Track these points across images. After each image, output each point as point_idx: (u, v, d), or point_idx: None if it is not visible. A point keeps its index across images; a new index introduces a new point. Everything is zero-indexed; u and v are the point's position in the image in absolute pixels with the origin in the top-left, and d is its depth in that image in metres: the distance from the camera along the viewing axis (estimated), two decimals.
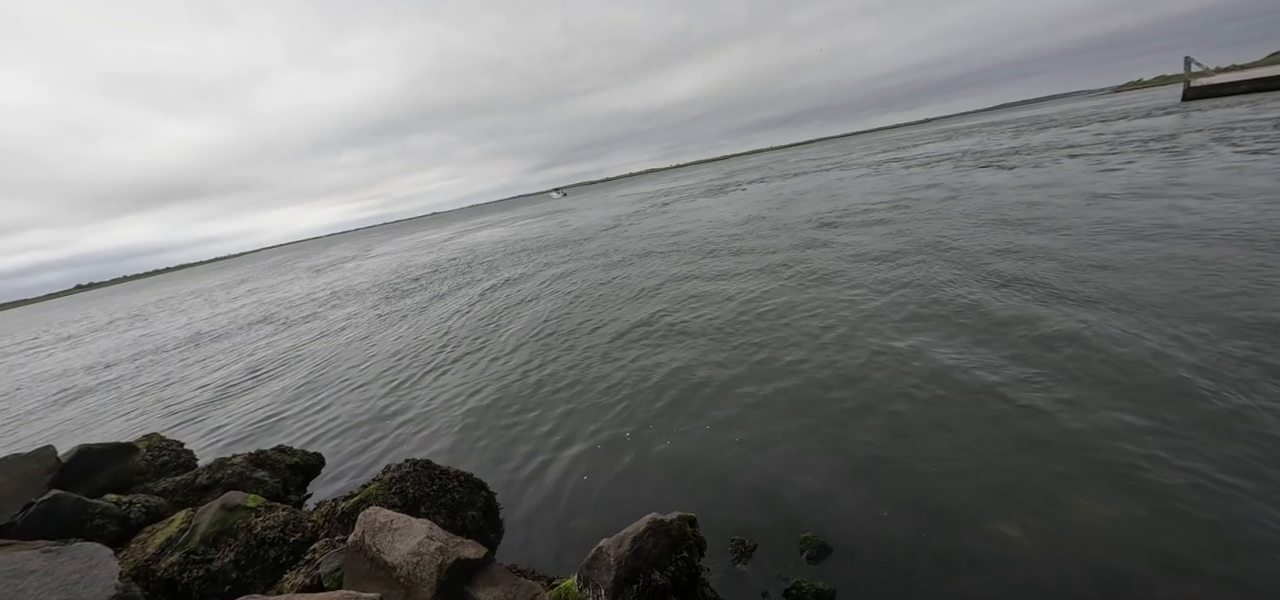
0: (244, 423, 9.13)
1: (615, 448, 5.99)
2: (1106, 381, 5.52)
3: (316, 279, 36.75)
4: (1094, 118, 51.93)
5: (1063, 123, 52.90)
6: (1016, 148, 33.84)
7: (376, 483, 4.87)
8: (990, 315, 7.68)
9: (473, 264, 26.81)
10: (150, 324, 28.71)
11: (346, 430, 7.89)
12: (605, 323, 11.06)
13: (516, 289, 17.11)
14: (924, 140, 68.93)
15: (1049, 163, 23.49)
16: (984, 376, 6.03)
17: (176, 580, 4.14)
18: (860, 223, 17.07)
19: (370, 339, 13.83)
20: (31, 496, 4.71)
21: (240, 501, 4.65)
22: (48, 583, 2.64)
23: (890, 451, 5.01)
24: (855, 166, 43.89)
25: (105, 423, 10.93)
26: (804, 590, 3.59)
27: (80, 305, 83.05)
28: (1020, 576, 3.45)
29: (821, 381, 6.66)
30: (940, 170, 28.70)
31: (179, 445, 6.89)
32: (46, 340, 31.79)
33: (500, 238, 41.13)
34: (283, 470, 6.38)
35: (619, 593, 2.75)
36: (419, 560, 2.49)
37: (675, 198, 48.93)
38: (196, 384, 12.65)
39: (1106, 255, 9.45)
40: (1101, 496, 4.02)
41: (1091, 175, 18.26)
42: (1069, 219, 12.55)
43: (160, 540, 4.46)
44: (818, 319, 8.85)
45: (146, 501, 5.25)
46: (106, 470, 5.72)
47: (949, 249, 11.76)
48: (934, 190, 21.39)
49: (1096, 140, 29.61)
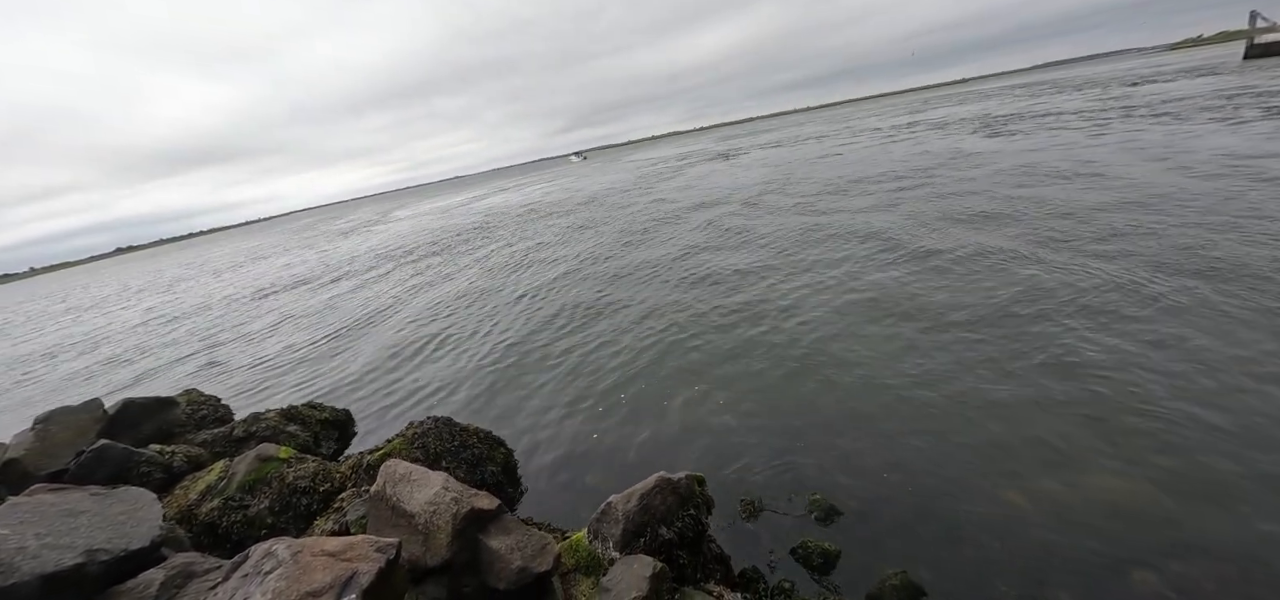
0: (276, 378, 9.53)
1: (629, 409, 6.10)
2: (1125, 352, 5.38)
3: (345, 242, 37.52)
4: (1125, 79, 48.97)
5: (1080, 85, 50.20)
6: (1018, 112, 32.43)
7: (400, 438, 5.06)
8: (1003, 285, 7.49)
9: (493, 227, 27.02)
10: (195, 284, 29.83)
11: (373, 388, 8.18)
12: (618, 289, 11.12)
13: (533, 253, 17.23)
14: (945, 102, 66.32)
15: (1040, 132, 22.39)
16: (997, 344, 5.92)
17: (217, 523, 4.42)
18: (869, 192, 16.66)
19: (395, 300, 14.15)
20: (82, 445, 5.02)
21: (273, 453, 4.89)
22: (98, 522, 2.85)
23: (900, 418, 5.01)
24: (879, 129, 42.52)
25: (153, 376, 11.51)
26: (810, 549, 3.67)
27: (130, 266, 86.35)
28: (1028, 544, 3.47)
29: (832, 349, 6.62)
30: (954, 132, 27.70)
31: (216, 400, 7.23)
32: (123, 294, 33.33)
33: (518, 202, 41.22)
34: (313, 425, 6.66)
35: (627, 545, 2.86)
36: (436, 509, 2.62)
37: (691, 162, 48.33)
38: (233, 342, 13.18)
39: (1083, 227, 9.09)
40: (1115, 468, 3.98)
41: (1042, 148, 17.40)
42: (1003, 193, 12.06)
43: (201, 487, 4.75)
44: (828, 288, 8.76)
45: (188, 452, 5.56)
46: (149, 422, 6.05)
47: (955, 221, 11.43)
48: (954, 160, 20.68)
49: (1097, 105, 28.22)
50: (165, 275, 42.30)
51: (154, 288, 32.93)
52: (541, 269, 14.54)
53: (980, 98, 62.26)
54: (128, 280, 45.97)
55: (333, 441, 6.65)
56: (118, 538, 2.82)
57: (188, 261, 57.00)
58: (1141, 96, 29.94)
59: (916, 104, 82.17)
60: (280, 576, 1.94)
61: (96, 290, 41.53)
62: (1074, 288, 6.95)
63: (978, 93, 78.83)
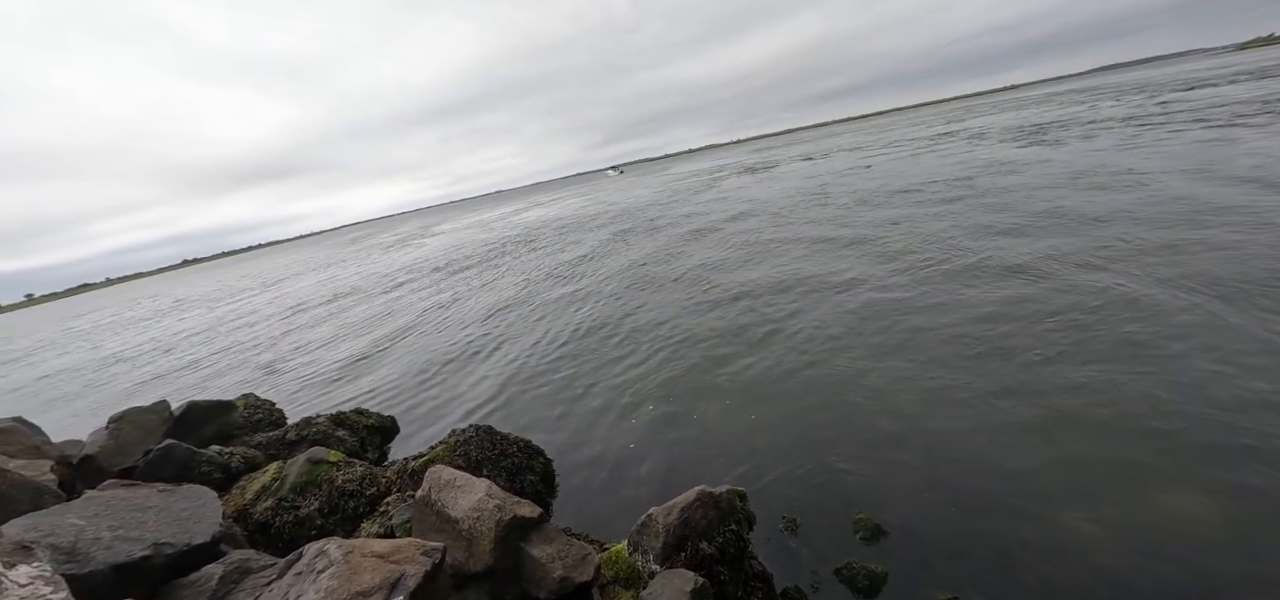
0: (324, 384, 9.90)
1: (666, 421, 6.06)
2: (1196, 375, 5.02)
3: (389, 255, 38.88)
4: (1181, 83, 45.90)
5: (1128, 90, 47.41)
6: (1061, 119, 30.79)
7: (443, 445, 5.17)
8: (1058, 298, 7.12)
9: (532, 241, 27.49)
10: (246, 298, 31.45)
11: (417, 396, 8.40)
12: (650, 302, 11.10)
13: (567, 266, 17.43)
14: (989, 110, 63.93)
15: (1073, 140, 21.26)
16: (1055, 362, 5.62)
17: (270, 523, 4.60)
18: (903, 205, 16.16)
19: (435, 311, 14.54)
20: (151, 444, 5.33)
21: (324, 456, 5.07)
22: (164, 517, 3.02)
23: (947, 438, 4.79)
24: (915, 139, 41.37)
25: (213, 380, 12.15)
26: (856, 570, 3.54)
27: (194, 277, 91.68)
28: (1091, 572, 3.25)
29: (872, 365, 6.42)
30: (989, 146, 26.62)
31: (270, 404, 7.57)
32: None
33: (555, 215, 41.84)
34: (360, 430, 6.87)
35: (667, 559, 2.82)
36: (479, 516, 2.65)
37: (724, 174, 48.13)
38: (287, 349, 13.79)
39: (1140, 238, 8.51)
40: (1190, 492, 3.69)
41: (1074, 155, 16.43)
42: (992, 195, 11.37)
43: (257, 487, 4.96)
44: (867, 303, 8.51)
45: (245, 453, 5.83)
46: (211, 424, 6.38)
47: (1016, 234, 10.95)
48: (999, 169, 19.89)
49: (1139, 112, 26.50)
50: (225, 286, 44.79)
51: (213, 298, 34.88)
52: (575, 282, 14.69)
53: (1026, 105, 59.82)
54: (190, 290, 48.87)
55: (376, 447, 6.85)
56: (181, 533, 2.97)
57: (245, 273, 60.20)
58: (1201, 101, 28.18)
59: (958, 112, 79.60)
60: (332, 576, 1.99)
61: (164, 299, 44.29)
62: (1138, 301, 6.56)
63: (1024, 99, 75.73)
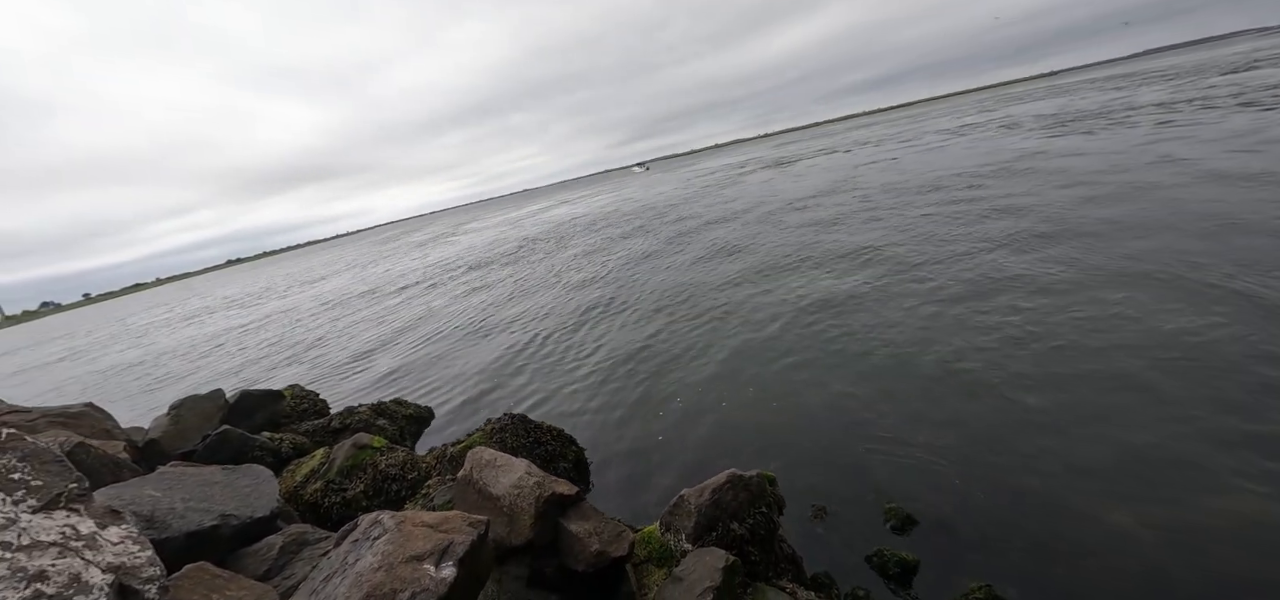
0: (367, 377, 10.29)
1: (693, 410, 6.14)
2: (1249, 372, 4.83)
3: (422, 254, 39.83)
4: (1236, 64, 43.05)
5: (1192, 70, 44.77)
6: (1104, 107, 29.38)
7: (480, 432, 5.35)
8: (1097, 285, 6.91)
9: (558, 238, 27.81)
10: (286, 297, 32.65)
11: (452, 387, 8.66)
12: (676, 292, 11.16)
13: (593, 260, 17.60)
14: (1023, 99, 61.54)
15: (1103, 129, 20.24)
16: (1098, 356, 5.47)
17: (319, 504, 4.85)
18: (932, 193, 15.77)
19: (467, 307, 14.90)
20: (208, 430, 5.66)
21: (367, 442, 5.31)
22: (228, 492, 3.25)
23: (982, 428, 4.74)
24: (946, 131, 40.22)
25: (266, 371, 12.73)
26: (887, 558, 3.56)
27: (239, 276, 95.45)
28: (1134, 569, 3.19)
29: (903, 352, 6.37)
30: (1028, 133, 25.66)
31: (315, 394, 7.92)
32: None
33: (581, 213, 42.18)
34: (399, 420, 7.15)
35: (699, 538, 2.90)
36: (520, 492, 2.78)
37: (748, 170, 47.75)
38: (327, 342, 14.34)
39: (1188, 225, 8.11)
40: (1244, 490, 3.58)
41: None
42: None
43: (306, 470, 5.22)
44: (897, 290, 8.40)
45: (293, 439, 6.13)
46: (262, 412, 6.72)
47: (1043, 221, 10.61)
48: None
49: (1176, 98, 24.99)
50: (268, 284, 46.60)
51: (259, 295, 36.34)
52: (601, 274, 14.85)
53: (1063, 93, 57.43)
54: (236, 288, 50.99)
55: (414, 436, 7.11)
56: (244, 507, 3.19)
57: (287, 272, 62.45)
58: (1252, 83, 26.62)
59: (989, 102, 76.84)
60: (388, 541, 2.14)
61: (214, 296, 46.34)
62: (1186, 291, 6.32)
63: (1061, 87, 72.55)
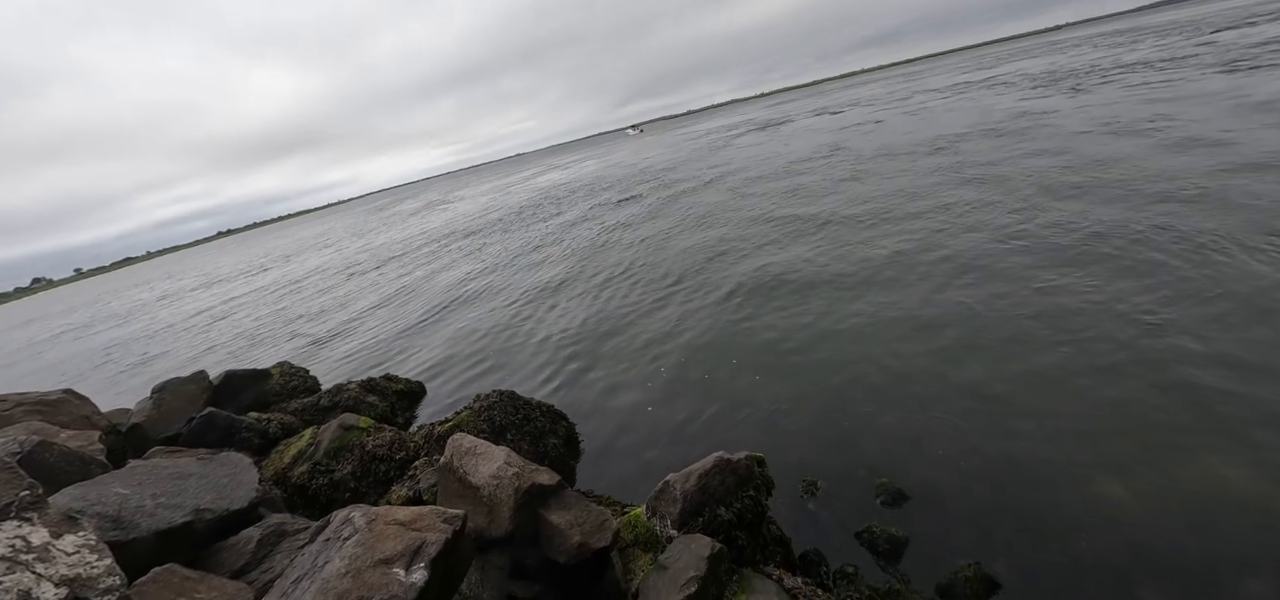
0: (356, 352, 10.20)
1: (687, 385, 6.07)
2: (1240, 338, 4.76)
3: (414, 222, 39.37)
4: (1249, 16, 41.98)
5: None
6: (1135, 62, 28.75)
7: (468, 410, 5.29)
8: (1093, 252, 6.80)
9: (545, 204, 27.45)
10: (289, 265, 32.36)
11: (443, 361, 8.59)
12: (667, 266, 11.01)
13: (583, 231, 17.36)
14: (1027, 54, 60.20)
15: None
16: (1088, 316, 5.39)
17: (307, 486, 4.80)
18: (927, 156, 15.50)
19: (456, 279, 14.74)
20: (192, 413, 5.58)
21: (354, 422, 5.24)
22: (204, 484, 3.17)
23: (973, 402, 4.67)
24: (938, 91, 39.46)
25: (250, 350, 12.64)
26: (876, 534, 3.54)
27: (230, 248, 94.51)
28: (1124, 541, 3.16)
29: (895, 329, 6.28)
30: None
31: (304, 371, 7.83)
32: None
33: (571, 179, 41.57)
34: (390, 396, 7.08)
35: (684, 525, 2.85)
36: (498, 483, 2.71)
37: (739, 132, 47.05)
38: (316, 316, 14.21)
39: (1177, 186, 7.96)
40: (1237, 462, 3.54)
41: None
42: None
43: (293, 452, 5.16)
44: (901, 257, 8.28)
45: (282, 419, 6.06)
46: (248, 392, 6.64)
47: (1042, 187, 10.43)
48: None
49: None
50: (259, 257, 46.16)
51: (250, 270, 36.01)
52: (592, 246, 14.66)
53: (1069, 48, 56.17)
54: (226, 262, 50.52)
55: (405, 411, 7.05)
56: (221, 499, 3.12)
57: (275, 245, 61.83)
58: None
59: (988, 59, 75.21)
60: (356, 543, 2.06)
61: (200, 273, 45.94)
62: (1171, 250, 6.22)
63: (1069, 41, 70.91)
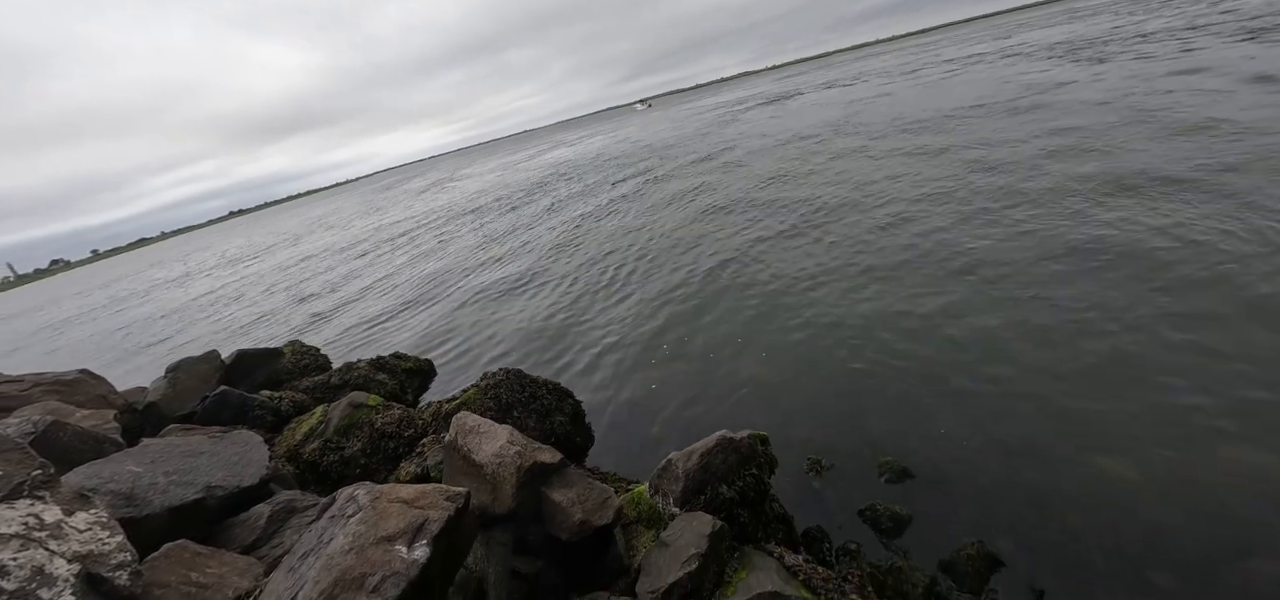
0: (367, 329, 10.32)
1: (693, 363, 6.08)
2: (1245, 316, 4.64)
3: (421, 201, 39.41)
4: None
5: None
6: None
7: (475, 388, 5.32)
8: (1100, 231, 6.64)
9: (553, 182, 27.29)
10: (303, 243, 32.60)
11: (450, 339, 8.66)
12: (675, 244, 10.95)
13: (587, 209, 17.26)
14: (1047, 22, 58.21)
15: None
16: (1097, 297, 5.29)
17: (318, 462, 4.89)
18: (936, 130, 15.13)
19: (463, 259, 14.77)
20: (206, 391, 5.67)
21: (363, 400, 5.31)
22: (215, 462, 3.23)
23: (978, 380, 4.63)
24: (951, 62, 38.39)
25: (264, 328, 12.81)
26: (880, 512, 3.54)
27: (243, 228, 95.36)
28: (1129, 520, 3.14)
29: (901, 305, 6.20)
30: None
31: (315, 350, 7.91)
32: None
33: (579, 155, 41.25)
34: (399, 374, 7.15)
35: (686, 503, 2.87)
36: (501, 461, 2.74)
37: (748, 106, 46.33)
38: (329, 295, 14.35)
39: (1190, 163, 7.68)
40: (1244, 442, 3.48)
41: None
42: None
43: (304, 430, 5.25)
44: (907, 239, 8.14)
45: (293, 398, 6.15)
46: (260, 371, 6.73)
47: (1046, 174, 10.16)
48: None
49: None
50: (273, 236, 46.55)
51: (261, 249, 36.35)
52: (596, 224, 14.60)
53: (1089, 15, 54.28)
54: (239, 241, 51.02)
55: (414, 390, 7.13)
56: (232, 476, 3.18)
57: (285, 225, 62.26)
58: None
59: (1004, 27, 72.86)
60: (360, 520, 2.10)
61: (220, 248, 46.48)
62: (1191, 241, 6.05)
63: (1087, 9, 68.42)
